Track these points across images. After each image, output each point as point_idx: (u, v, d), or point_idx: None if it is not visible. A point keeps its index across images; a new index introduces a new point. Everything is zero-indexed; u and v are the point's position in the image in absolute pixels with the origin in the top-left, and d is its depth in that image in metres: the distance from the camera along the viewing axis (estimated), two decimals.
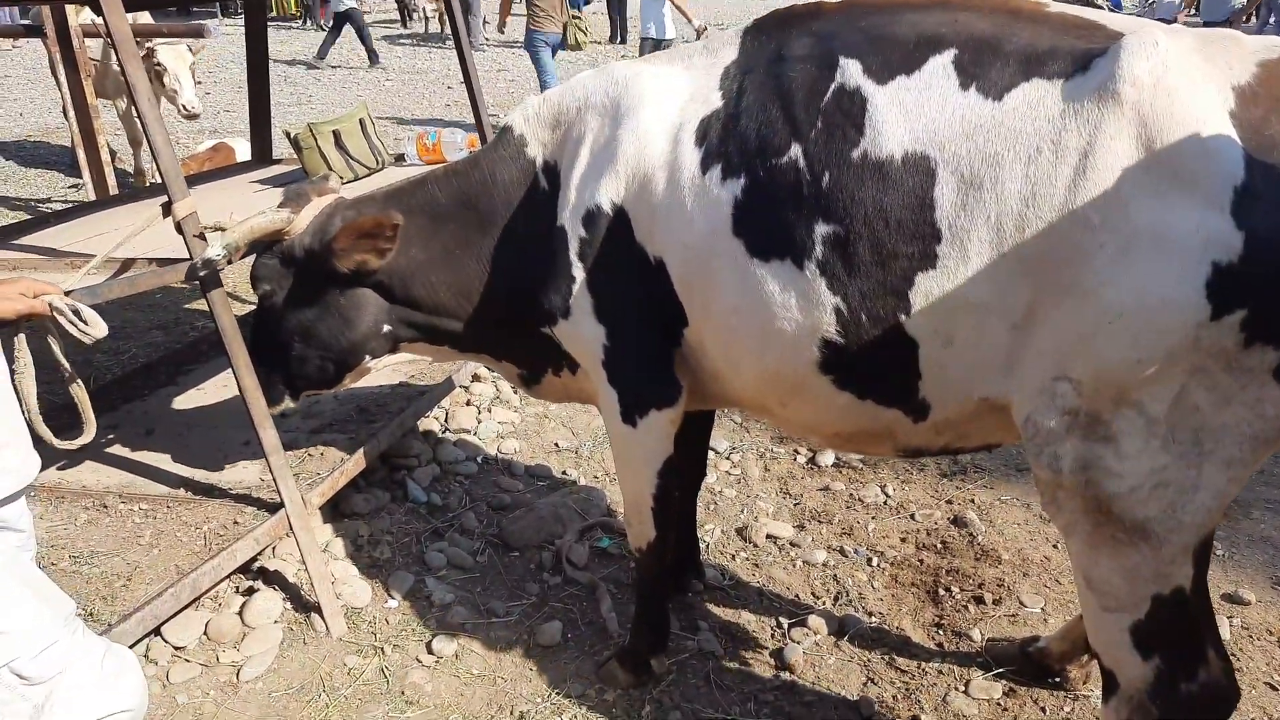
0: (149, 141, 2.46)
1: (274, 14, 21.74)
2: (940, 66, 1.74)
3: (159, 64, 6.96)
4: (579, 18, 12.17)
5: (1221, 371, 1.50)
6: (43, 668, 1.67)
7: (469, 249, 2.45)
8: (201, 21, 6.81)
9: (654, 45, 9.44)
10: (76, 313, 2.07)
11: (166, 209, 2.49)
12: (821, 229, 1.83)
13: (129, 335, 5.10)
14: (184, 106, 7.03)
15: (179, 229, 2.50)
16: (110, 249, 2.47)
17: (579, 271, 2.24)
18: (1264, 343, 1.47)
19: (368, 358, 2.65)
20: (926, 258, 1.72)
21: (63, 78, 6.56)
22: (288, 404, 2.74)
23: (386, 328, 2.59)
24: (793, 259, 1.88)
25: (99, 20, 4.59)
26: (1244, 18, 9.20)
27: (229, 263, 2.52)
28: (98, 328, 2.10)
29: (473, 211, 2.43)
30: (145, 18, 6.51)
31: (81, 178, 6.81)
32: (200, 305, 5.45)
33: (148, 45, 6.84)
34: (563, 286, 2.27)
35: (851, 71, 1.83)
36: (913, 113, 1.74)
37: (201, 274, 2.47)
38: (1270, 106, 1.49)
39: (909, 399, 1.90)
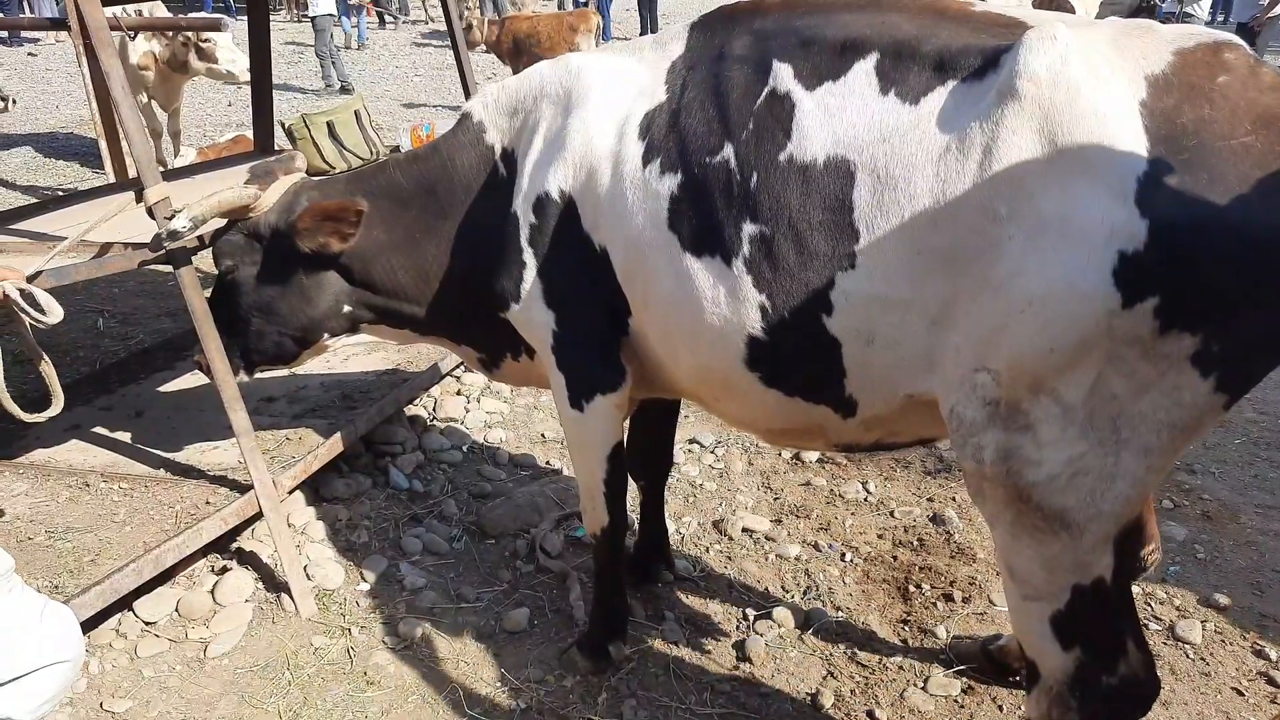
0: (121, 128, 2.52)
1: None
2: (863, 72, 1.78)
3: (207, 40, 7.05)
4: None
5: (1138, 359, 1.48)
6: None
7: (429, 233, 2.48)
8: (219, 15, 6.92)
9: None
10: (32, 299, 2.12)
11: (139, 195, 2.55)
12: (749, 228, 1.87)
13: (138, 321, 5.21)
14: (245, 72, 7.08)
15: (150, 214, 2.55)
16: (77, 234, 2.53)
17: (530, 258, 2.27)
18: (1180, 329, 1.45)
19: (326, 336, 2.70)
20: (846, 258, 1.75)
21: (87, 70, 6.71)
22: (241, 378, 2.78)
23: (347, 308, 2.64)
24: (722, 256, 1.92)
25: (120, 14, 4.73)
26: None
27: (202, 244, 2.57)
28: (53, 314, 2.15)
29: (432, 197, 2.47)
30: (161, 10, 6.63)
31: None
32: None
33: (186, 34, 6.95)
34: (514, 272, 2.30)
35: (783, 76, 1.87)
36: (835, 117, 1.78)
37: (166, 245, 2.51)
38: (1184, 95, 1.47)
39: (836, 396, 1.91)
